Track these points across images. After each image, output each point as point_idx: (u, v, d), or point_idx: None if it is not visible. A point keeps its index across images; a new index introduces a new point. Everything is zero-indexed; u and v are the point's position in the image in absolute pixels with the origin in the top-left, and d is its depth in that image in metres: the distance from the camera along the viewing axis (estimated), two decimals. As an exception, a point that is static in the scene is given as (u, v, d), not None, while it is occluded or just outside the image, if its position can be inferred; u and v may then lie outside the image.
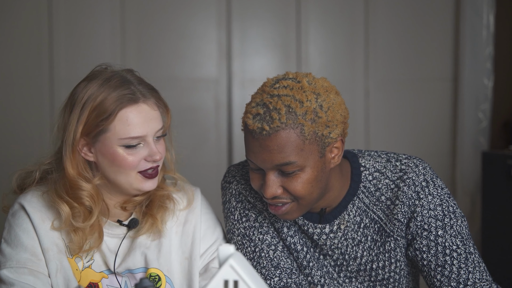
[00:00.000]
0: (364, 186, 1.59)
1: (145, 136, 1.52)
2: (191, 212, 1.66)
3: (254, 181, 1.51)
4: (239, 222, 1.65)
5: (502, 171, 3.13)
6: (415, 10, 3.69)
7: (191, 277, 1.62)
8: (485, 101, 3.59)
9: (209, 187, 3.40)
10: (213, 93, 3.61)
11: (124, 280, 1.59)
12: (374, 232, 1.60)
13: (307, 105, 1.43)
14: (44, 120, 3.46)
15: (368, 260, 1.61)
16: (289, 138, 1.42)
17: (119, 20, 3.52)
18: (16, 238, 1.54)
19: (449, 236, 1.54)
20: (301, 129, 1.42)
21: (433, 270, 1.53)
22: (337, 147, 1.50)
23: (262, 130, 1.42)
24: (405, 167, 1.58)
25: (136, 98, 1.52)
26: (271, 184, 1.46)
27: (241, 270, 1.05)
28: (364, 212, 1.59)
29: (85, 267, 1.58)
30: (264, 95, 1.46)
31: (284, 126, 1.41)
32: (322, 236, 1.60)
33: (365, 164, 1.60)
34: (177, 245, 1.63)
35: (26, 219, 1.55)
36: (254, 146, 1.44)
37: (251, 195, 1.65)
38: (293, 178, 1.46)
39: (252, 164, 1.49)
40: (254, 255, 1.62)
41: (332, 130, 1.46)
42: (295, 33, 3.62)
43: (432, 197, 1.56)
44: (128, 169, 1.51)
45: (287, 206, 1.49)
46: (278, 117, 1.41)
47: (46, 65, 3.48)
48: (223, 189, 1.70)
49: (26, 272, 1.51)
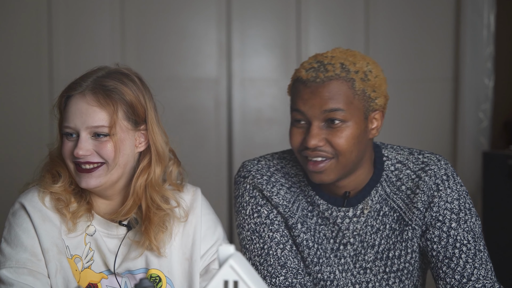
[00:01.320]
0: (386, 175, 1.63)
1: (75, 128, 1.52)
2: (191, 212, 1.65)
3: (295, 136, 1.55)
4: (250, 217, 1.66)
5: (502, 171, 3.13)
6: (416, 10, 3.68)
7: (191, 278, 1.62)
8: (485, 101, 3.59)
9: (209, 186, 3.41)
10: (213, 93, 3.61)
11: (124, 281, 1.59)
12: (393, 221, 1.63)
13: (359, 65, 1.52)
14: (44, 120, 3.45)
15: (385, 249, 1.64)
16: (341, 87, 1.50)
17: (119, 20, 3.52)
18: (16, 237, 1.53)
19: (462, 230, 1.57)
20: (352, 83, 1.50)
21: (440, 261, 1.56)
22: (377, 119, 1.57)
23: (316, 78, 1.50)
24: (428, 160, 1.63)
25: (76, 88, 1.54)
26: (315, 134, 1.50)
27: (241, 270, 1.04)
28: (384, 200, 1.63)
29: (84, 267, 1.57)
30: (318, 56, 1.55)
31: (337, 77, 1.50)
32: (345, 219, 1.63)
33: (388, 155, 1.65)
34: (177, 246, 1.63)
35: (27, 218, 1.55)
36: (305, 93, 1.51)
37: (267, 189, 1.65)
38: (338, 130, 1.50)
39: (297, 115, 1.53)
40: (262, 252, 1.63)
41: (377, 96, 1.54)
42: (295, 32, 3.62)
43: (451, 191, 1.60)
44: (65, 156, 1.55)
45: (326, 162, 1.52)
46: (333, 69, 1.50)
47: (45, 65, 3.48)
48: (236, 183, 1.71)
49: (25, 272, 1.50)
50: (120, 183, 1.58)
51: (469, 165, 3.59)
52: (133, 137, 1.57)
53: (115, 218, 1.59)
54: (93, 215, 1.59)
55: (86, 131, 1.51)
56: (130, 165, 1.58)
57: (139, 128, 1.57)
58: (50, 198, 1.57)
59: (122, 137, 1.54)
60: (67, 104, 1.54)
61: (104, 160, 1.53)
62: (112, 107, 1.52)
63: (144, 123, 1.58)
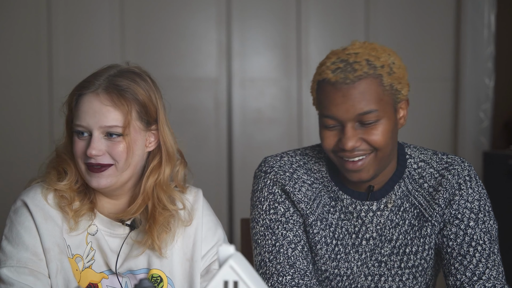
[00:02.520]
0: (409, 172, 1.64)
1: (87, 127, 1.51)
2: (192, 214, 1.65)
3: (329, 139, 1.55)
4: (266, 213, 1.66)
5: (503, 171, 3.13)
6: (416, 9, 3.68)
7: (192, 279, 1.61)
8: (486, 101, 3.59)
9: (209, 187, 3.40)
10: (213, 92, 3.61)
11: (124, 281, 1.58)
12: (412, 217, 1.64)
13: (383, 59, 1.52)
14: (43, 119, 3.45)
15: (403, 244, 1.64)
16: (371, 86, 1.49)
17: (118, 20, 3.52)
18: (18, 236, 1.52)
19: (479, 230, 1.59)
20: (380, 80, 1.51)
21: (454, 258, 1.57)
22: (403, 108, 1.58)
23: (346, 79, 1.49)
24: (451, 161, 1.64)
25: (89, 87, 1.53)
26: (351, 135, 1.51)
27: (241, 270, 1.04)
28: (406, 196, 1.64)
29: (85, 267, 1.56)
30: (339, 54, 1.53)
31: (366, 75, 1.49)
32: (369, 213, 1.63)
33: (411, 153, 1.67)
34: (178, 247, 1.62)
35: (29, 217, 1.53)
36: (337, 97, 1.50)
37: (289, 185, 1.65)
38: (373, 128, 1.51)
39: (329, 121, 1.53)
40: (273, 249, 1.63)
41: (403, 87, 1.55)
42: (295, 32, 3.62)
43: (472, 191, 1.61)
44: (76, 155, 1.53)
45: (366, 158, 1.53)
46: (360, 67, 1.49)
47: (45, 65, 3.48)
48: (256, 177, 1.71)
49: (26, 272, 1.49)
50: (129, 183, 1.58)
51: (469, 165, 3.58)
52: (144, 137, 1.56)
53: (122, 217, 1.58)
54: (95, 214, 1.58)
55: (99, 130, 1.50)
56: (140, 165, 1.58)
57: (150, 128, 1.57)
58: (53, 195, 1.56)
59: (134, 137, 1.53)
60: (79, 102, 1.53)
61: (114, 162, 1.52)
62: (126, 107, 1.52)
63: (155, 123, 1.58)
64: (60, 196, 1.55)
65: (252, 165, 3.60)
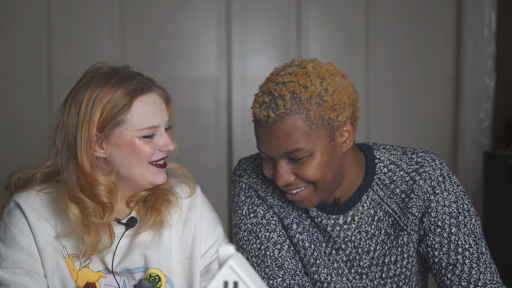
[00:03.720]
0: (378, 178, 1.59)
1: (159, 126, 1.54)
2: (191, 211, 1.65)
3: (267, 170, 1.52)
4: (247, 217, 1.64)
5: (503, 171, 3.13)
6: (417, 9, 3.68)
7: (191, 278, 1.61)
8: (486, 101, 3.58)
9: (209, 186, 3.39)
10: (213, 92, 3.60)
11: (122, 280, 1.58)
12: (388, 226, 1.60)
13: (312, 89, 1.43)
14: (43, 119, 3.45)
15: (381, 254, 1.61)
16: (295, 123, 1.43)
17: (118, 19, 3.51)
18: (12, 237, 1.52)
19: (463, 234, 1.54)
20: (306, 114, 1.43)
21: (444, 268, 1.53)
22: (348, 130, 1.50)
23: (268, 118, 1.44)
24: (421, 160, 1.58)
25: (147, 87, 1.54)
26: (283, 172, 1.47)
27: (241, 271, 1.04)
28: (378, 204, 1.59)
29: (82, 266, 1.56)
30: (269, 83, 1.48)
31: (289, 112, 1.42)
32: (336, 227, 1.60)
33: (379, 157, 1.61)
34: (177, 245, 1.62)
35: (22, 218, 1.54)
36: (263, 135, 1.46)
37: (262, 189, 1.64)
38: (303, 164, 1.46)
39: (263, 154, 1.50)
40: (259, 253, 1.61)
41: (339, 113, 1.46)
42: (295, 32, 3.61)
43: (448, 193, 1.56)
44: (145, 159, 1.53)
45: (304, 190, 1.50)
46: (283, 103, 1.42)
47: (44, 64, 3.48)
48: (233, 182, 1.70)
49: (22, 272, 1.49)
50: None
51: (470, 165, 3.59)
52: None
53: (131, 199, 1.60)
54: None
55: (164, 126, 1.57)
56: None
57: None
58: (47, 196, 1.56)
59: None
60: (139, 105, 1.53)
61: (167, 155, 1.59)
62: (167, 100, 1.61)
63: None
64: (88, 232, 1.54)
65: (252, 165, 3.60)
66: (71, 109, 1.52)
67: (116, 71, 1.55)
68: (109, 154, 1.53)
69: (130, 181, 1.56)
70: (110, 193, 1.52)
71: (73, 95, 1.53)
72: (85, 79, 1.54)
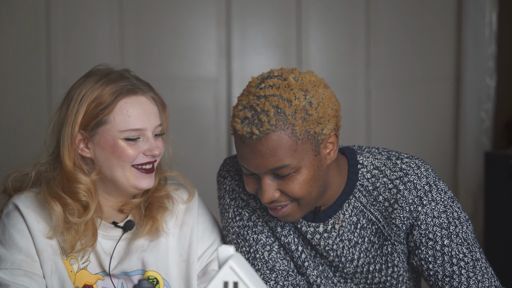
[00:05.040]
0: (361, 185, 1.54)
1: (144, 129, 1.53)
2: (188, 213, 1.65)
3: (249, 186, 1.47)
4: (233, 220, 1.62)
5: (504, 171, 3.12)
6: (417, 9, 3.68)
7: (189, 280, 1.61)
8: (487, 101, 3.58)
9: (208, 187, 3.38)
10: (213, 92, 3.60)
11: (120, 282, 1.59)
12: (371, 234, 1.55)
13: (296, 103, 1.38)
14: (42, 119, 3.45)
15: (365, 262, 1.57)
16: (280, 140, 1.37)
17: (117, 19, 3.51)
18: (11, 239, 1.53)
19: (455, 244, 1.49)
20: (292, 130, 1.38)
21: (441, 280, 1.48)
22: (332, 142, 1.46)
23: (252, 135, 1.37)
24: (406, 167, 1.52)
25: (135, 89, 1.53)
26: (268, 188, 1.42)
27: (241, 271, 1.04)
28: (361, 212, 1.55)
29: (80, 268, 1.57)
30: (250, 96, 1.41)
31: (274, 128, 1.37)
32: (316, 235, 1.56)
33: (362, 162, 1.55)
34: (174, 248, 1.62)
35: (21, 219, 1.54)
36: (246, 152, 1.40)
37: (244, 192, 1.61)
38: (289, 180, 1.42)
39: (245, 170, 1.45)
40: (249, 256, 1.59)
41: (324, 126, 1.41)
42: (296, 32, 3.61)
43: (436, 203, 1.50)
44: (126, 162, 1.51)
45: (288, 207, 1.46)
46: (267, 119, 1.36)
47: (43, 65, 3.48)
48: (218, 183, 1.67)
49: (21, 273, 1.50)
50: None
51: (471, 166, 3.58)
52: None
53: (123, 208, 1.59)
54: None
55: (152, 130, 1.54)
56: None
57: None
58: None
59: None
60: (124, 108, 1.51)
61: (156, 159, 1.57)
62: (162, 107, 1.61)
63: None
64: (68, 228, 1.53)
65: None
66: (63, 107, 1.54)
67: (110, 72, 1.55)
68: (93, 154, 1.53)
69: (114, 184, 1.55)
70: (88, 192, 1.52)
71: (67, 93, 1.55)
72: (81, 79, 1.56)
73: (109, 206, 1.59)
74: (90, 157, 1.54)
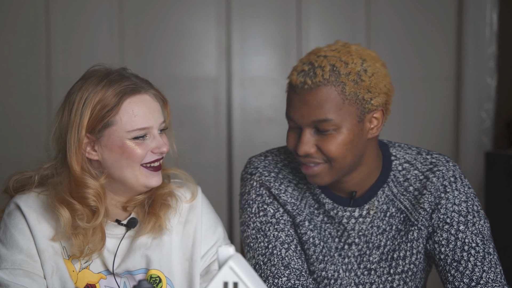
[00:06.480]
0: (394, 175, 1.61)
1: (151, 127, 1.53)
2: (192, 211, 1.65)
3: (290, 140, 1.53)
4: (256, 215, 1.64)
5: (505, 171, 3.12)
6: (417, 8, 3.68)
7: (191, 279, 1.61)
8: (488, 101, 3.58)
9: (209, 186, 3.39)
10: (213, 92, 3.60)
11: (123, 281, 1.58)
12: (399, 222, 1.61)
13: (352, 66, 1.45)
14: (41, 119, 3.45)
15: (390, 250, 1.62)
16: (329, 94, 1.44)
17: (117, 19, 3.51)
18: (12, 239, 1.53)
19: (470, 233, 1.55)
20: (342, 88, 1.45)
21: (449, 264, 1.54)
22: (377, 117, 1.52)
23: (304, 84, 1.45)
24: (436, 161, 1.60)
25: (138, 88, 1.53)
26: (306, 141, 1.48)
27: (240, 272, 1.03)
28: (391, 201, 1.61)
29: (82, 268, 1.56)
30: (311, 55, 1.50)
31: (326, 82, 1.44)
32: (351, 220, 1.61)
33: (396, 154, 1.63)
34: (177, 246, 1.62)
35: (22, 219, 1.54)
36: (295, 101, 1.48)
37: (275, 187, 1.64)
38: (328, 137, 1.47)
39: (290, 122, 1.51)
40: (266, 251, 1.61)
41: (373, 96, 1.48)
42: (296, 31, 3.61)
43: (459, 193, 1.58)
44: (136, 161, 1.51)
45: (319, 166, 1.50)
46: (322, 73, 1.44)
47: (43, 64, 3.47)
48: (243, 180, 1.70)
49: (21, 273, 1.50)
50: None
51: (471, 165, 3.58)
52: None
53: (127, 205, 1.59)
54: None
55: (157, 128, 1.55)
56: None
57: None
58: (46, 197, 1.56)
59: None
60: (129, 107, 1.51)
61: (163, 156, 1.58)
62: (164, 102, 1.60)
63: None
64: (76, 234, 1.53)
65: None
66: (65, 111, 1.53)
67: (110, 73, 1.55)
68: (101, 156, 1.53)
69: (123, 184, 1.55)
70: (97, 197, 1.52)
71: (67, 97, 1.54)
72: (80, 81, 1.55)
73: (113, 205, 1.59)
74: (97, 160, 1.53)
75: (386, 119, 1.54)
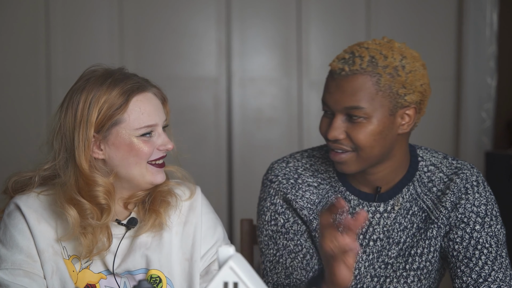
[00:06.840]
0: (419, 175, 1.64)
1: (156, 125, 1.54)
2: (191, 212, 1.64)
3: (323, 125, 1.57)
4: (268, 224, 1.68)
5: (505, 171, 3.12)
6: (417, 8, 3.67)
7: (191, 279, 1.60)
8: (488, 101, 3.58)
9: (209, 186, 3.39)
10: (213, 92, 3.60)
11: (123, 281, 1.58)
12: (420, 220, 1.63)
13: (391, 60, 1.50)
14: (41, 119, 3.45)
15: (409, 246, 1.63)
16: (364, 83, 1.49)
17: (117, 19, 3.51)
18: (12, 239, 1.52)
19: (485, 234, 1.58)
20: (378, 79, 1.49)
21: (460, 261, 1.56)
22: (409, 114, 1.55)
23: (341, 71, 1.50)
24: (461, 166, 1.64)
25: (142, 86, 1.54)
26: (336, 126, 1.52)
27: (241, 272, 1.03)
28: (414, 199, 1.63)
29: (82, 268, 1.56)
30: (355, 46, 1.55)
31: (362, 71, 1.49)
32: (376, 214, 1.63)
33: (422, 156, 1.66)
34: (177, 246, 1.61)
35: (22, 219, 1.54)
36: (331, 86, 1.52)
37: (292, 193, 1.66)
38: (358, 125, 1.50)
39: (324, 107, 1.56)
40: (273, 259, 1.66)
41: (408, 92, 1.52)
42: (296, 31, 3.61)
43: (479, 196, 1.61)
44: (143, 159, 1.52)
45: (347, 154, 1.53)
46: (360, 62, 1.49)
47: (43, 64, 3.47)
48: (263, 185, 1.72)
49: (21, 274, 1.50)
50: None
51: (471, 165, 3.57)
52: None
53: (129, 201, 1.59)
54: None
55: (161, 125, 1.56)
56: None
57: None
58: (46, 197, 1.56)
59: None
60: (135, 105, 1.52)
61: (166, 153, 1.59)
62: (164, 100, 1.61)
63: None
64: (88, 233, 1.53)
65: (252, 165, 3.60)
66: (68, 111, 1.52)
67: (112, 72, 1.55)
68: (107, 155, 1.52)
69: (129, 182, 1.55)
70: (108, 194, 1.52)
71: (69, 97, 1.53)
72: (80, 82, 1.54)
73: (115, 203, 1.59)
74: (103, 159, 1.53)
75: (419, 119, 1.57)
